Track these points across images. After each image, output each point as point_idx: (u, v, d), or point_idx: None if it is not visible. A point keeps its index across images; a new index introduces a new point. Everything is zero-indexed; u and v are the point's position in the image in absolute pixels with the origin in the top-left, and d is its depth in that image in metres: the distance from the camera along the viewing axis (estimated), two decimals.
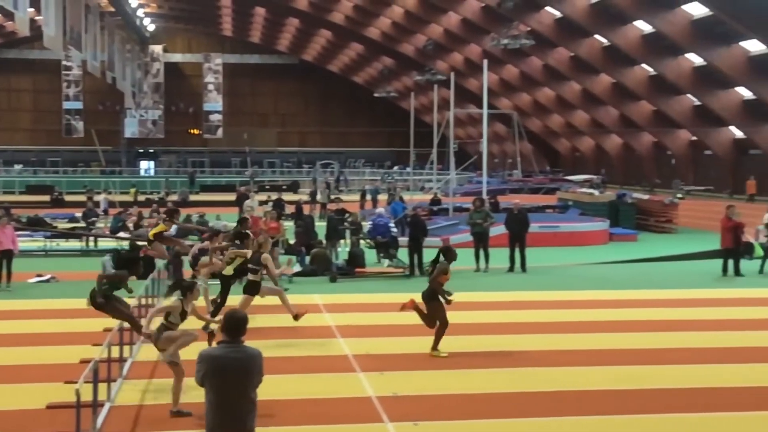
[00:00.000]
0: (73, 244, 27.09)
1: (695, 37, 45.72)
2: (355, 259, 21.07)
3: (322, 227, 24.66)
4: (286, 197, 37.91)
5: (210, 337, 10.17)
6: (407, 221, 23.29)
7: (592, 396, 9.99)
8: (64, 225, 31.33)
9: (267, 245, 13.78)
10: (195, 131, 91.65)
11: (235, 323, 6.26)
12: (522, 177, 61.21)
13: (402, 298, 16.54)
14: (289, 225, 26.94)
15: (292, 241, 23.38)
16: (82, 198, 37.62)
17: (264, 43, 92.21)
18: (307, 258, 21.53)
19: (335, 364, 11.44)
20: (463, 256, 22.40)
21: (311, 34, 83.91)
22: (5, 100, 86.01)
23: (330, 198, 37.68)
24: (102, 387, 8.86)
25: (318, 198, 39.55)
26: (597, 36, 54.00)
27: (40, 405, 9.38)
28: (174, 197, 44.26)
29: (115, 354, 10.37)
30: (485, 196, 28.69)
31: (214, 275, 14.56)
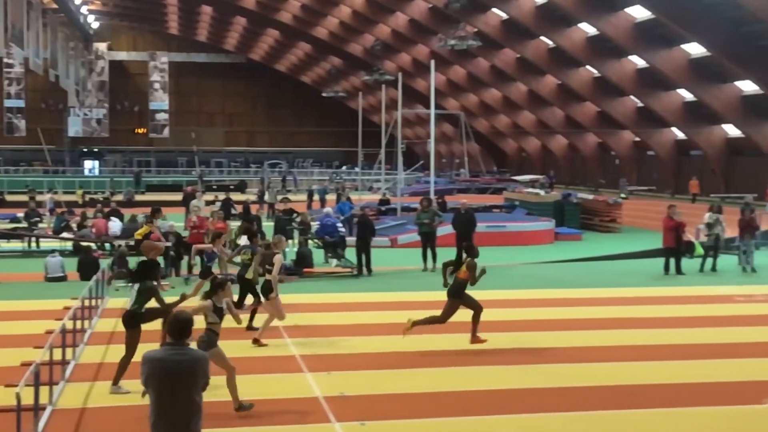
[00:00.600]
0: (15, 245, 26.60)
1: (638, 40, 46.54)
2: (303, 260, 21.04)
3: (270, 227, 24.55)
4: (233, 197, 37.66)
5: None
6: (355, 221, 23.29)
7: (534, 394, 10.11)
8: (5, 225, 30.71)
9: (281, 245, 13.85)
10: (141, 130, 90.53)
11: (180, 325, 6.13)
12: (469, 177, 61.61)
13: (350, 297, 16.66)
14: (237, 225, 26.79)
15: (239, 242, 23.23)
16: (24, 198, 36.93)
17: (211, 42, 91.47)
18: None
19: (282, 364, 11.41)
20: (411, 255, 22.61)
21: (259, 33, 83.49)
22: None
23: (277, 198, 37.57)
24: (44, 390, 8.73)
25: (266, 198, 39.38)
26: (542, 38, 54.61)
27: None
28: (119, 197, 43.68)
29: (58, 357, 10.21)
30: (433, 196, 28.84)
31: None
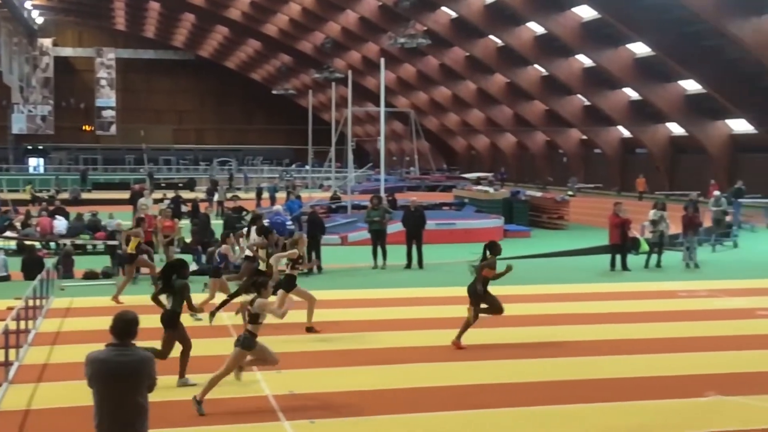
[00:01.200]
0: None
1: (585, 39, 47.15)
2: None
3: (219, 225, 24.39)
4: (182, 195, 37.32)
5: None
6: (305, 219, 23.25)
7: (483, 390, 10.19)
8: None
9: (303, 242, 13.99)
10: (87, 128, 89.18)
11: (124, 324, 5.95)
12: (419, 175, 61.82)
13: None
14: (186, 223, 26.58)
15: (188, 240, 23.09)
16: None
17: (159, 38, 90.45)
18: (204, 257, 21.27)
19: None
20: (361, 253, 22.64)
21: (207, 30, 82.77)
22: None
23: (226, 196, 37.36)
24: None
25: (215, 196, 39.11)
26: (491, 36, 55.02)
27: None
28: (65, 195, 43.01)
29: (0, 358, 10.05)
30: (383, 193, 28.92)
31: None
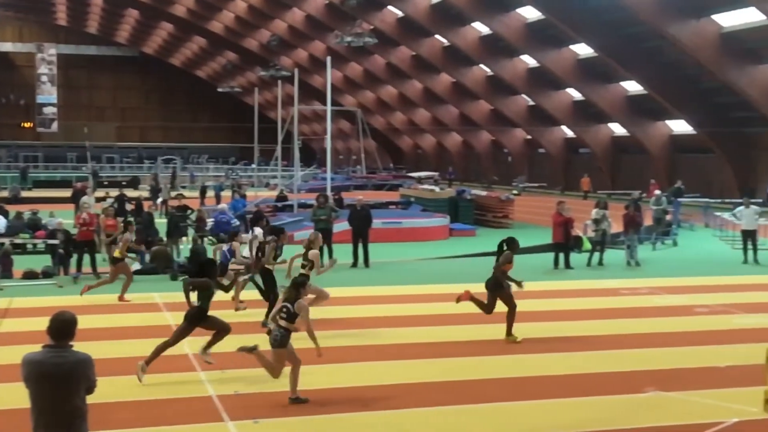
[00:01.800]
0: None
1: (529, 40, 47.66)
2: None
3: (164, 224, 24.13)
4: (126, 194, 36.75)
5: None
6: (249, 218, 23.12)
7: (428, 388, 10.25)
8: None
9: (318, 241, 14.12)
10: (27, 124, 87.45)
11: (61, 325, 5.81)
12: (366, 174, 61.89)
13: (245, 295, 16.49)
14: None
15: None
16: None
17: (102, 34, 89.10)
18: (147, 256, 21.04)
19: (175, 364, 11.24)
20: None
21: (152, 26, 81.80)
22: None
23: (170, 194, 36.99)
24: None
25: (160, 195, 38.68)
26: (437, 36, 55.30)
27: None
28: (4, 193, 42.13)
29: None
30: (329, 192, 28.91)
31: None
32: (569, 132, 55.23)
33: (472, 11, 48.01)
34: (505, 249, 12.64)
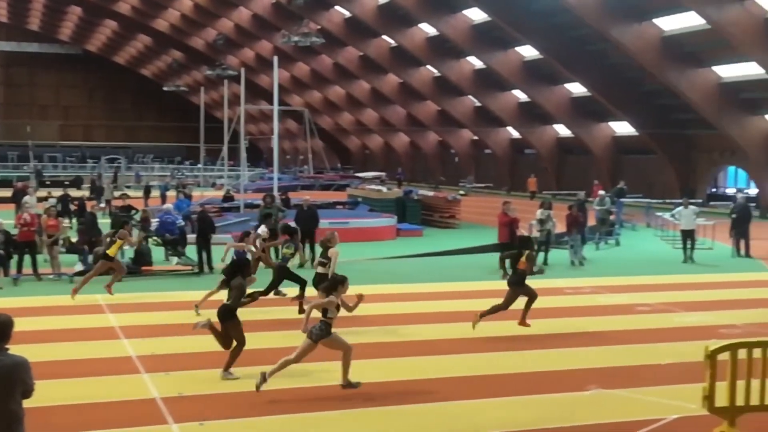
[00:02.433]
0: None
1: (475, 41, 48.01)
2: (142, 257, 20.54)
3: (107, 224, 23.77)
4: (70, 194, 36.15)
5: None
6: (195, 218, 22.90)
7: (375, 388, 10.27)
8: None
9: (335, 240, 14.18)
10: None
11: None
12: (313, 174, 61.74)
13: (191, 296, 16.36)
14: (73, 222, 25.84)
15: (74, 239, 22.44)
16: None
17: (44, 31, 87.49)
18: (91, 257, 20.71)
19: (118, 365, 11.12)
20: None
21: (95, 23, 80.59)
22: None
23: (114, 194, 36.49)
24: None
25: (103, 194, 38.10)
26: (385, 36, 55.41)
27: None
28: None
29: None
30: (276, 192, 28.76)
31: None
32: (515, 133, 55.79)
33: (418, 12, 48.21)
34: (525, 250, 13.34)
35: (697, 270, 21.40)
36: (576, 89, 47.44)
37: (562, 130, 51.94)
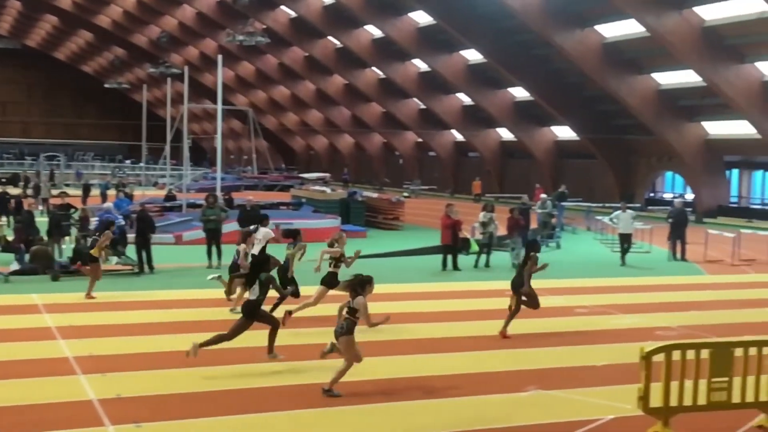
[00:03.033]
0: None
1: (421, 44, 48.23)
2: (80, 256, 20.18)
3: (44, 223, 23.34)
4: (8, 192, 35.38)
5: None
6: (135, 217, 22.60)
7: (309, 389, 10.25)
8: None
9: (343, 241, 14.67)
10: None
11: None
12: (257, 174, 61.37)
13: (131, 296, 16.17)
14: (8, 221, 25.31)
15: (10, 238, 22.00)
16: None
17: None
18: (27, 255, 20.33)
19: (54, 367, 10.92)
20: (195, 252, 22.26)
21: (35, 18, 79.03)
22: None
23: (51, 192, 35.84)
24: None
25: (41, 192, 37.40)
26: (330, 37, 55.34)
27: None
28: None
29: None
30: (219, 192, 28.54)
31: None
32: (459, 136, 56.16)
33: (364, 14, 48.26)
34: (531, 252, 13.70)
35: (635, 273, 21.79)
36: (519, 93, 47.94)
37: (505, 133, 52.45)
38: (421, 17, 46.86)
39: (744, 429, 8.91)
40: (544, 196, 30.89)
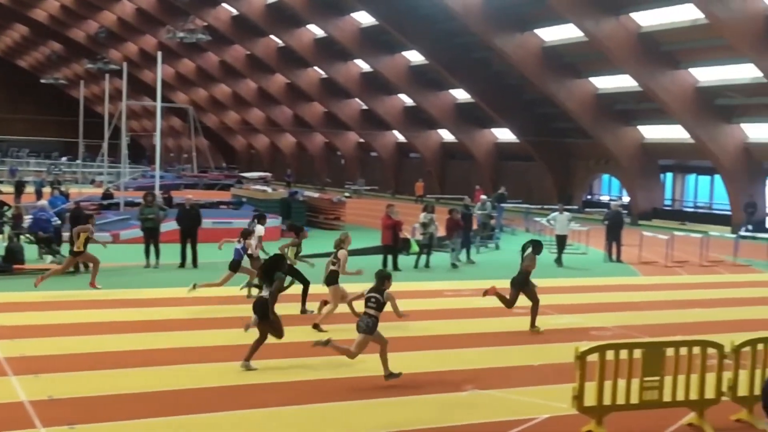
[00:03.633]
0: None
1: (363, 45, 48.29)
2: (13, 255, 19.75)
3: None
4: None
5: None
6: (68, 215, 22.16)
7: (255, 389, 10.20)
8: None
9: (347, 242, 14.76)
10: None
11: None
12: (197, 172, 60.74)
13: (65, 295, 15.87)
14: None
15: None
16: None
17: None
18: None
19: None
20: (133, 251, 21.95)
21: None
22: None
23: None
24: None
25: None
26: (272, 36, 55.09)
27: None
28: None
29: None
30: (158, 191, 28.18)
31: None
32: (401, 137, 56.35)
33: (307, 13, 48.12)
34: (530, 250, 14.16)
35: (572, 274, 22.11)
36: (460, 95, 48.28)
37: (446, 135, 52.79)
38: (364, 18, 46.90)
39: (674, 427, 9.11)
40: (484, 197, 31.17)
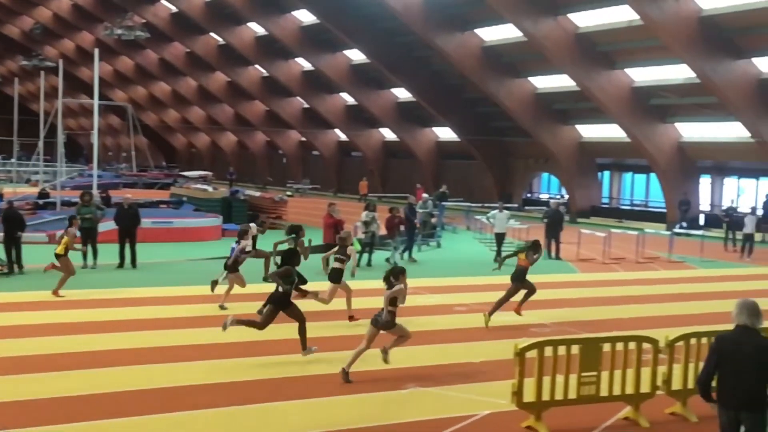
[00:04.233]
0: None
1: (304, 43, 48.17)
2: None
3: None
4: None
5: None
6: (2, 216, 21.66)
7: (197, 390, 10.13)
8: None
9: (350, 239, 15.27)
10: None
11: None
12: (136, 171, 59.90)
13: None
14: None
15: None
16: None
17: None
18: None
19: None
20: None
21: None
22: None
23: None
24: None
25: None
26: (212, 34, 54.64)
27: None
28: None
29: None
30: (96, 190, 27.75)
31: None
32: (342, 135, 56.34)
33: (247, 11, 47.82)
34: (525, 247, 15.17)
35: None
36: (402, 94, 48.46)
37: (388, 134, 52.92)
38: (305, 16, 46.76)
39: (611, 421, 9.29)
40: (425, 195, 31.35)
